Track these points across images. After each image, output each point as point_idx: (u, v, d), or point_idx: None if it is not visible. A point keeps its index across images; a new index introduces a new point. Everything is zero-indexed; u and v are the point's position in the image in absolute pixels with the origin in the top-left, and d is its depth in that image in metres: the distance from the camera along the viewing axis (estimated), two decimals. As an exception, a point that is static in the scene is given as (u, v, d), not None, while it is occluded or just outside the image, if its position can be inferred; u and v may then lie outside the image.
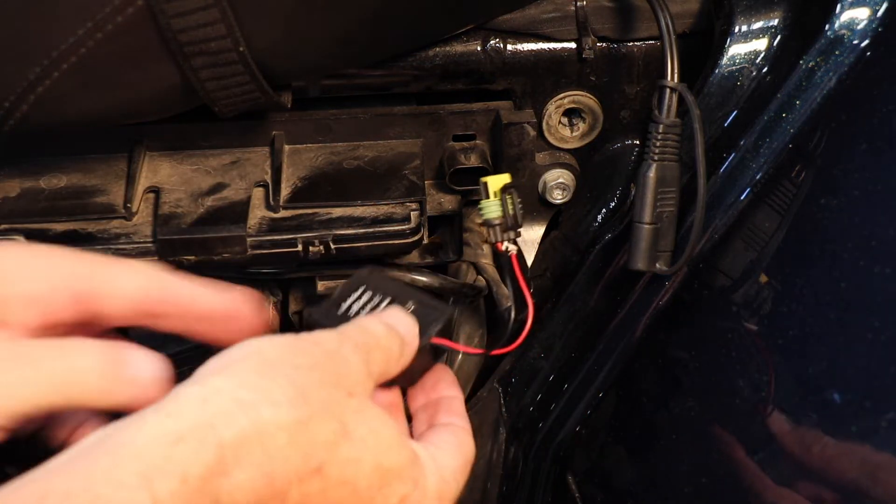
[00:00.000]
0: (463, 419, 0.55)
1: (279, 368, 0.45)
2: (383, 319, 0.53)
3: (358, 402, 0.47)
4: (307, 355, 0.46)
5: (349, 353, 0.48)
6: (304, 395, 0.44)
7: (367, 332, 0.51)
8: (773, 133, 0.58)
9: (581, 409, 0.68)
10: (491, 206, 0.62)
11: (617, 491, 0.67)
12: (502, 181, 0.62)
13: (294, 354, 0.46)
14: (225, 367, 0.44)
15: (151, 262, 0.60)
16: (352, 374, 0.48)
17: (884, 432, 0.47)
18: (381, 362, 0.51)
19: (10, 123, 0.54)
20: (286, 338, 0.47)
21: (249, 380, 0.43)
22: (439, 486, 0.50)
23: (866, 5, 0.55)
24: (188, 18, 0.51)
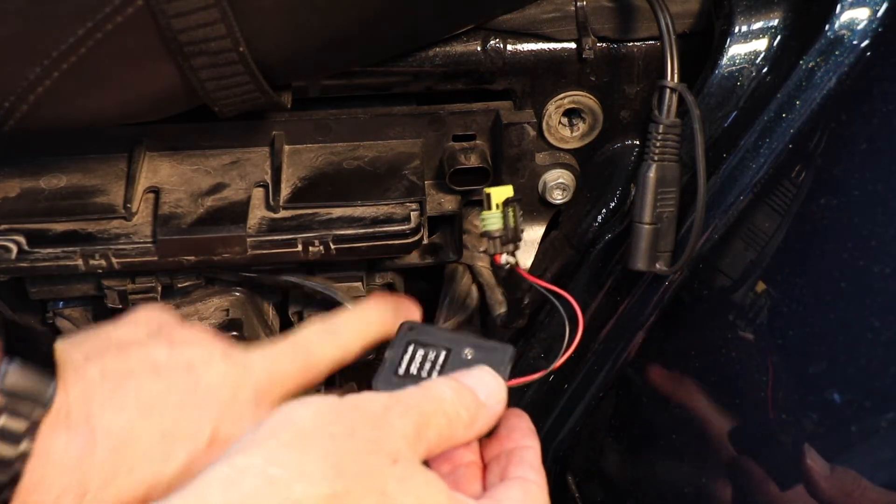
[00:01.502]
0: (536, 473, 0.52)
1: (313, 439, 0.43)
2: (459, 380, 0.51)
3: (402, 469, 0.44)
4: (345, 422, 0.44)
5: (395, 418, 0.46)
6: (340, 467, 0.42)
7: (427, 395, 0.49)
8: (773, 133, 0.58)
9: (581, 409, 0.68)
10: (492, 217, 0.60)
11: (617, 491, 0.67)
12: (505, 194, 0.60)
13: (331, 422, 0.44)
14: (256, 441, 0.43)
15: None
16: (396, 437, 0.45)
17: (884, 432, 0.47)
18: (443, 428, 0.48)
19: (10, 123, 0.54)
20: (325, 402, 0.45)
21: (280, 455, 0.42)
22: None
23: (866, 5, 0.55)
24: (188, 18, 0.51)
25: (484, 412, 0.50)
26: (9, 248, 0.60)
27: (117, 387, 0.50)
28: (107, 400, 0.50)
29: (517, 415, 0.55)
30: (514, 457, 0.53)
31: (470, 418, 0.50)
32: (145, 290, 0.65)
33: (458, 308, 0.73)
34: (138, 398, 0.50)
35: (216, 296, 0.69)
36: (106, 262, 0.61)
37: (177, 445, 0.50)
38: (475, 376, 0.52)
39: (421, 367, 0.55)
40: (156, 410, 0.50)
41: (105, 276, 0.64)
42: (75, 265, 0.60)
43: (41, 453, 0.47)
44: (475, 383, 0.51)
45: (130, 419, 0.50)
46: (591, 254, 0.69)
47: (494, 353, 0.55)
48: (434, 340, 0.56)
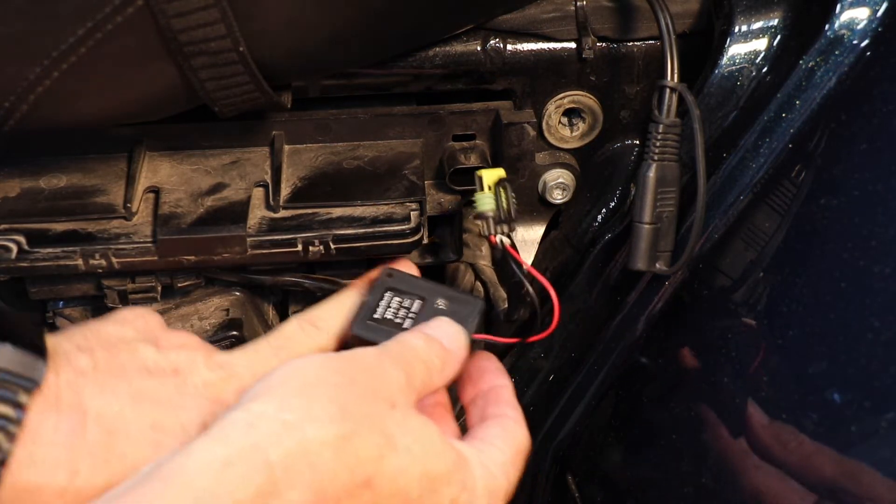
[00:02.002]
0: (512, 408, 0.56)
1: (319, 387, 0.46)
2: (425, 331, 0.55)
3: (401, 413, 0.48)
4: (345, 372, 0.48)
5: (388, 366, 0.50)
6: (346, 411, 0.46)
7: (406, 346, 0.52)
8: (773, 133, 0.58)
9: (581, 409, 0.68)
10: (485, 198, 0.62)
11: (617, 491, 0.67)
12: (497, 175, 0.62)
13: (333, 372, 0.47)
14: (267, 390, 0.46)
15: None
16: (392, 386, 0.49)
17: (884, 432, 0.47)
18: (423, 375, 0.52)
19: (10, 123, 0.54)
20: (324, 357, 0.49)
21: (291, 401, 0.45)
22: (488, 483, 0.51)
23: (866, 5, 0.55)
24: (188, 18, 0.51)
25: (451, 358, 0.54)
26: (9, 248, 0.60)
27: (108, 378, 0.52)
28: (98, 388, 0.51)
29: (486, 357, 0.59)
30: (491, 396, 0.57)
31: (441, 364, 0.54)
32: (145, 289, 0.65)
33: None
34: (129, 390, 0.52)
35: (216, 296, 0.69)
36: (106, 261, 0.61)
37: (167, 436, 0.51)
38: (437, 326, 0.56)
39: (396, 314, 0.58)
40: (146, 403, 0.52)
41: (105, 276, 0.64)
42: (75, 265, 0.60)
43: (31, 432, 0.47)
44: (439, 333, 0.55)
45: (121, 407, 0.51)
46: (591, 254, 0.69)
47: (466, 306, 0.58)
48: (410, 289, 0.59)
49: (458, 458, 0.50)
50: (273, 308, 0.73)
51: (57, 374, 0.50)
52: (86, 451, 0.49)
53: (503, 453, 0.53)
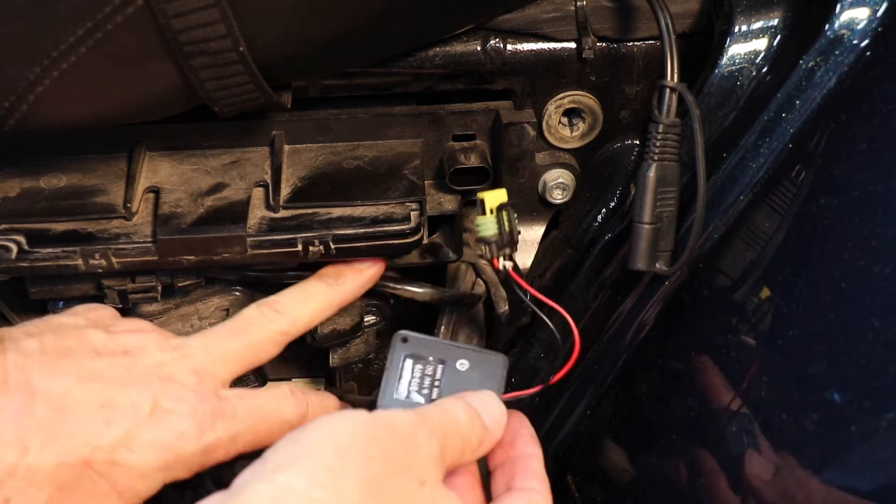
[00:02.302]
0: (539, 481, 0.54)
1: (351, 460, 0.45)
2: (470, 402, 0.53)
3: (430, 491, 0.47)
4: (380, 442, 0.46)
5: (424, 439, 0.48)
6: (375, 490, 0.44)
7: (448, 418, 0.51)
8: (773, 133, 0.58)
9: (581, 409, 0.68)
10: (487, 223, 0.60)
11: (617, 491, 0.67)
12: (499, 198, 0.60)
13: (366, 442, 0.46)
14: (296, 459, 0.44)
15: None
16: (425, 461, 0.48)
17: (884, 432, 0.47)
18: (457, 451, 0.50)
19: (10, 123, 0.54)
20: (360, 419, 0.47)
21: (320, 477, 0.44)
22: None
23: (866, 5, 0.55)
24: (188, 18, 0.51)
25: (488, 437, 0.53)
26: (9, 248, 0.60)
27: (56, 360, 0.53)
28: (46, 369, 0.52)
29: (519, 420, 0.57)
30: (519, 466, 0.54)
31: (478, 443, 0.52)
32: (145, 289, 0.65)
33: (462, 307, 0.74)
34: (77, 371, 0.52)
35: (216, 295, 0.69)
36: (106, 261, 0.61)
37: (117, 414, 0.52)
38: (482, 400, 0.54)
39: (421, 384, 0.56)
40: (94, 382, 0.52)
41: (105, 276, 0.64)
42: (75, 265, 0.60)
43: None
44: (482, 408, 0.53)
45: (70, 387, 0.51)
46: (591, 254, 0.69)
47: (488, 365, 0.57)
48: (428, 352, 0.57)
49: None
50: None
51: (3, 356, 0.51)
52: (34, 429, 0.49)
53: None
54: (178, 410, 0.53)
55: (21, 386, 0.50)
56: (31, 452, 0.49)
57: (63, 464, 0.50)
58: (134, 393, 0.53)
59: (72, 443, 0.50)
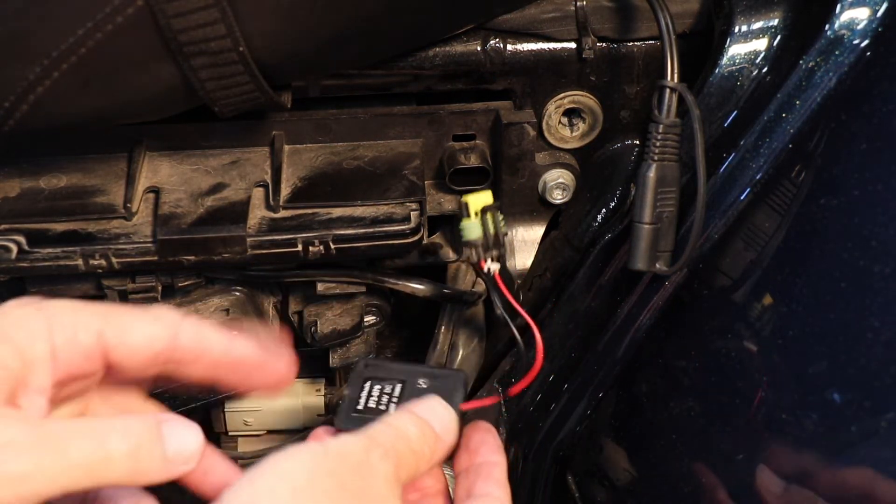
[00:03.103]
0: (501, 488, 0.53)
1: (309, 498, 0.44)
2: (417, 413, 0.52)
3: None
4: (335, 475, 0.45)
5: (377, 462, 0.47)
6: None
7: (397, 435, 0.50)
8: (773, 133, 0.58)
9: (581, 409, 0.68)
10: (471, 226, 0.60)
11: (617, 491, 0.67)
12: (484, 201, 0.60)
13: (323, 477, 0.45)
14: (252, 499, 0.43)
15: (168, 306, 0.56)
16: (380, 486, 0.47)
17: (884, 432, 0.47)
18: (412, 466, 0.50)
19: (10, 123, 0.54)
20: (313, 454, 0.46)
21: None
22: None
23: (866, 5, 0.55)
24: (188, 18, 0.51)
25: (440, 445, 0.52)
26: (9, 248, 0.60)
27: None
28: None
29: (486, 429, 0.57)
30: (482, 472, 0.54)
31: (430, 453, 0.51)
32: (145, 289, 0.65)
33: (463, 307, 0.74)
34: None
35: (216, 295, 0.69)
36: (106, 261, 0.61)
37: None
38: (428, 407, 0.53)
39: (379, 401, 0.56)
40: None
41: (105, 276, 0.64)
42: (75, 265, 0.60)
43: None
44: (429, 415, 0.52)
45: None
46: (591, 254, 0.69)
47: (447, 380, 0.57)
48: (388, 374, 0.57)
49: None
50: (273, 308, 0.74)
51: None
52: None
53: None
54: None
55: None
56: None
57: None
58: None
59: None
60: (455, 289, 0.72)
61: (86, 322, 0.46)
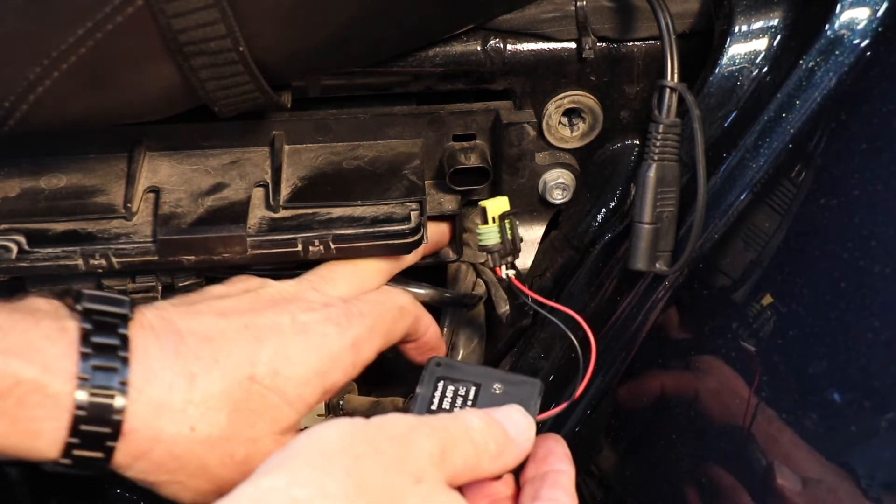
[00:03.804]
0: (569, 496, 0.53)
1: (338, 459, 0.44)
2: (490, 414, 0.52)
3: (425, 488, 0.46)
4: (370, 442, 0.46)
5: (420, 438, 0.47)
6: (362, 486, 0.43)
7: (455, 422, 0.50)
8: (773, 133, 0.58)
9: (581, 409, 0.68)
10: (490, 232, 0.61)
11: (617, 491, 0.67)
12: (502, 207, 0.61)
13: (357, 442, 0.46)
14: (281, 463, 0.44)
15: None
16: (421, 458, 0.47)
17: (884, 432, 0.47)
18: (469, 456, 0.49)
19: (10, 123, 0.54)
20: (351, 423, 0.47)
21: (303, 476, 0.43)
22: None
23: (866, 5, 0.55)
24: (188, 18, 0.51)
25: (512, 447, 0.52)
26: (9, 248, 0.60)
27: (189, 307, 0.56)
28: (183, 314, 0.55)
29: (555, 439, 0.57)
30: (548, 479, 0.54)
31: (497, 451, 0.51)
32: (145, 289, 0.65)
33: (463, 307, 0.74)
34: (211, 310, 0.56)
35: (216, 295, 0.69)
36: (106, 261, 0.61)
37: (263, 332, 0.55)
38: (505, 412, 0.53)
39: (453, 403, 0.56)
40: (231, 314, 0.56)
41: (105, 276, 0.64)
42: (75, 265, 0.60)
43: (140, 354, 0.51)
44: (505, 419, 0.53)
45: (210, 321, 0.55)
46: (591, 254, 0.69)
47: (523, 388, 0.56)
48: (463, 376, 0.57)
49: None
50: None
51: (142, 314, 0.53)
52: (193, 357, 0.52)
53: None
54: (315, 319, 0.57)
55: (168, 329, 0.53)
56: (199, 378, 0.51)
57: (231, 383, 0.52)
58: (270, 314, 0.56)
59: (232, 362, 0.53)
60: (456, 293, 0.72)
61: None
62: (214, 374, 0.52)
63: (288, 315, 0.56)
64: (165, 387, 0.51)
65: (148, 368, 0.51)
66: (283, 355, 0.54)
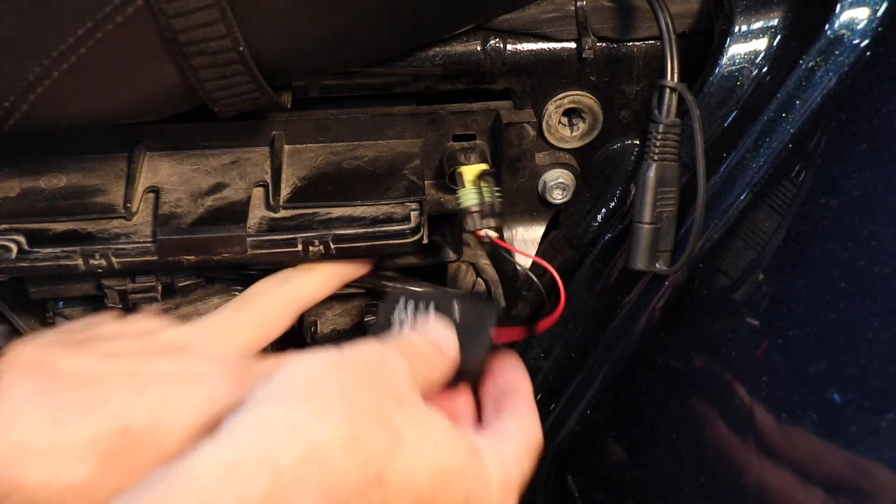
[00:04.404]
0: (527, 403, 0.56)
1: (326, 387, 0.46)
2: (419, 330, 0.56)
3: (408, 408, 0.48)
4: (351, 370, 0.47)
5: (392, 359, 0.50)
6: (354, 410, 0.45)
7: (405, 341, 0.53)
8: (773, 133, 0.58)
9: (581, 409, 0.68)
10: (467, 194, 0.63)
11: (617, 491, 0.67)
12: (478, 169, 0.63)
13: (339, 370, 0.47)
14: (273, 393, 0.45)
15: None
16: (398, 380, 0.49)
17: (884, 432, 0.47)
18: (424, 370, 0.52)
19: (10, 123, 0.54)
20: (328, 354, 0.48)
21: (299, 403, 0.44)
22: (501, 476, 0.51)
23: (866, 5, 0.55)
24: (188, 18, 0.51)
25: (445, 358, 0.55)
26: (9, 248, 0.60)
27: (75, 346, 0.53)
28: (66, 353, 0.52)
29: (510, 354, 0.60)
30: (507, 391, 0.57)
31: (437, 360, 0.54)
32: (145, 289, 0.65)
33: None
34: (97, 351, 0.53)
35: (216, 295, 0.69)
36: (106, 261, 0.61)
37: (147, 381, 0.52)
38: (431, 326, 0.56)
39: (416, 311, 0.59)
40: (118, 358, 0.53)
41: (105, 276, 0.64)
42: (75, 265, 0.60)
43: (5, 393, 0.49)
44: (430, 330, 0.56)
45: (94, 364, 0.52)
46: (591, 254, 0.69)
47: (478, 308, 0.59)
48: (425, 296, 0.60)
49: (471, 451, 0.50)
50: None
51: (21, 348, 0.51)
52: (63, 404, 0.50)
53: (517, 447, 0.53)
54: (206, 371, 0.54)
55: (43, 369, 0.51)
56: (69, 424, 0.49)
57: (102, 433, 0.50)
58: (159, 363, 0.53)
59: (108, 411, 0.50)
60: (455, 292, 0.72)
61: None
62: (87, 420, 0.50)
63: (178, 364, 0.54)
64: (29, 430, 0.49)
65: (12, 408, 0.49)
66: (163, 408, 0.52)
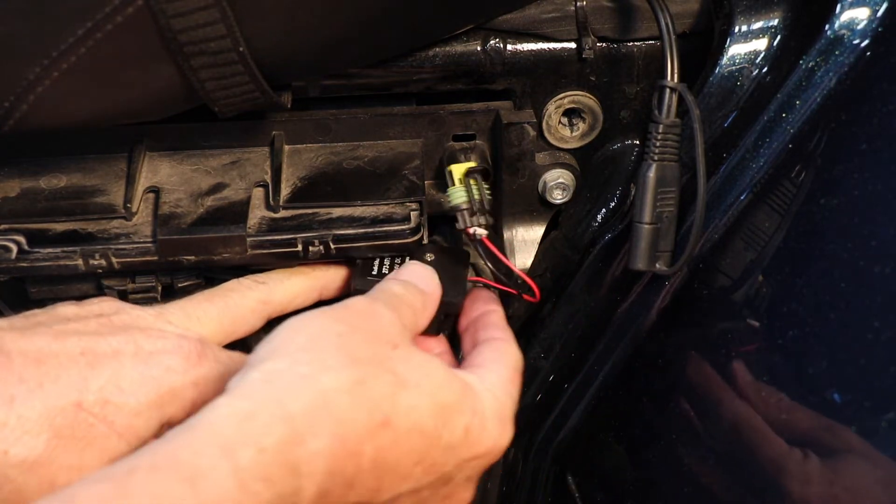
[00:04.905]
0: (502, 330, 0.59)
1: (325, 339, 0.48)
2: (400, 277, 0.58)
3: (403, 351, 0.50)
4: (344, 321, 0.50)
5: (381, 309, 0.52)
6: (355, 357, 0.47)
7: (389, 292, 0.55)
8: (773, 133, 0.58)
9: (581, 409, 0.68)
10: (456, 192, 0.64)
11: (617, 491, 0.67)
12: (466, 167, 0.64)
13: (334, 322, 0.49)
14: (274, 351, 0.47)
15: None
16: (389, 327, 0.51)
17: (884, 432, 0.47)
18: (411, 315, 0.55)
19: (10, 123, 0.54)
20: (321, 310, 0.51)
21: (301, 356, 0.47)
22: (494, 406, 0.53)
23: (866, 5, 0.55)
24: (188, 18, 0.51)
25: (428, 298, 0.58)
26: (9, 248, 0.60)
27: (28, 328, 0.53)
28: (17, 335, 0.52)
29: (480, 289, 0.63)
30: (480, 322, 0.60)
31: (421, 305, 0.57)
32: (145, 289, 0.65)
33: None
34: (50, 332, 0.53)
35: (216, 295, 0.69)
36: (106, 261, 0.61)
37: (99, 359, 0.52)
38: (409, 270, 0.59)
39: (391, 268, 0.63)
40: (71, 337, 0.53)
41: (105, 276, 0.64)
42: (75, 265, 0.60)
43: None
44: (411, 275, 0.58)
45: (45, 344, 0.52)
46: (590, 254, 0.69)
47: (452, 255, 0.62)
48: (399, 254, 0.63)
49: (464, 386, 0.52)
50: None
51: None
52: (16, 381, 0.50)
53: (501, 376, 0.55)
54: (162, 349, 0.54)
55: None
56: (18, 401, 0.49)
57: (54, 409, 0.50)
58: (114, 340, 0.53)
59: (58, 388, 0.50)
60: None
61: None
62: (36, 398, 0.50)
63: (132, 343, 0.53)
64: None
65: None
66: (116, 383, 0.52)
